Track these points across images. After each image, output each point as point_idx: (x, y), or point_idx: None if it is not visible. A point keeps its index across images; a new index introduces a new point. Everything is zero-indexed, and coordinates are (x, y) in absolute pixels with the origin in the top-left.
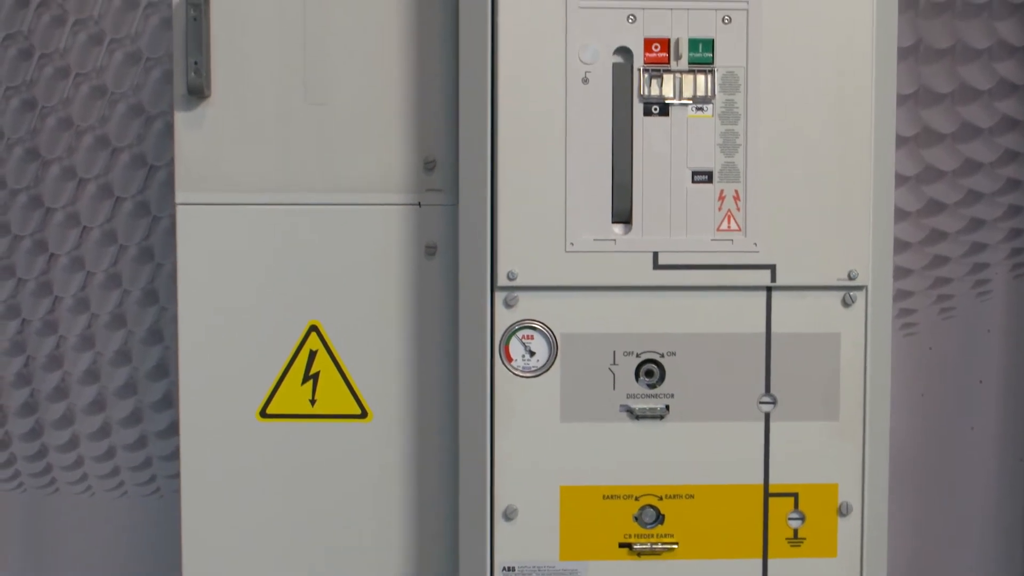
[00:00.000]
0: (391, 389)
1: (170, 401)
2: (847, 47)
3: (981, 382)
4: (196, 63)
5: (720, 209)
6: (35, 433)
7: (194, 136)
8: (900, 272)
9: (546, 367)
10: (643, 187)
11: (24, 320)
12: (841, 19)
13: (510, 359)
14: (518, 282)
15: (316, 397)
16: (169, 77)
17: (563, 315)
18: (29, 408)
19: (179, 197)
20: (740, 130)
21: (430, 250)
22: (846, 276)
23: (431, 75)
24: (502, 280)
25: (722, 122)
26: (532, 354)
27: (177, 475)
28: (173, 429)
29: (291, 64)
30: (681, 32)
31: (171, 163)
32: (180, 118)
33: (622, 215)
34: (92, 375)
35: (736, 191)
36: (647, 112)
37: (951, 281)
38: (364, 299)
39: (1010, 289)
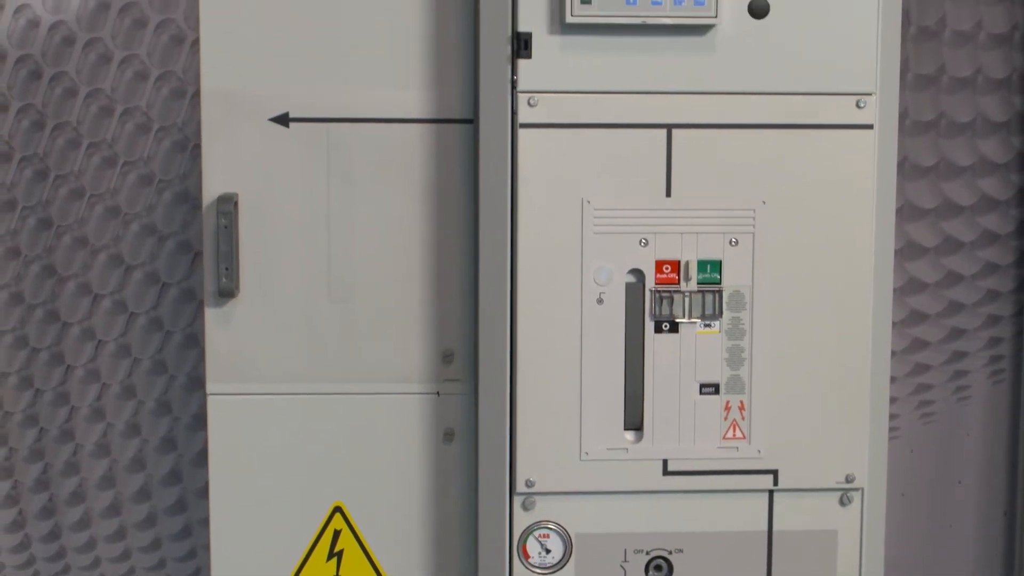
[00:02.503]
0: (413, 570)
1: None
2: (845, 276)
3: (960, 482)
4: (227, 268)
5: (726, 419)
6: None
7: (223, 331)
8: None
9: (561, 564)
10: (654, 398)
11: (73, 408)
12: (840, 240)
13: (527, 556)
14: (536, 488)
15: (340, 574)
16: (178, 197)
17: (577, 516)
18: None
19: (210, 388)
20: (745, 345)
21: (448, 436)
22: (844, 479)
23: (450, 272)
24: (521, 487)
25: (728, 338)
26: (548, 551)
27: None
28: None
29: (316, 264)
30: (691, 254)
31: (183, 280)
32: (210, 314)
33: (634, 424)
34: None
35: (741, 402)
36: (658, 329)
37: (932, 387)
38: (386, 482)
39: (989, 394)
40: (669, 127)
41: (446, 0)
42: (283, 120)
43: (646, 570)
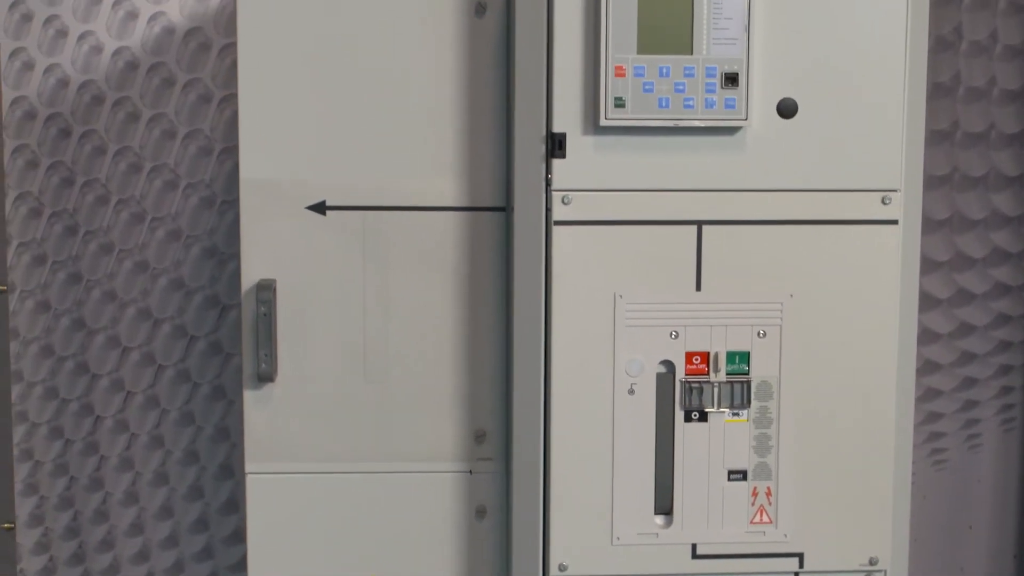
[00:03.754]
0: None
1: None
2: (869, 366)
3: (971, 527)
4: (266, 354)
5: (753, 504)
6: None
7: (261, 413)
8: None
9: None
10: (683, 484)
11: (103, 456)
12: (864, 330)
13: None
14: (569, 572)
15: None
16: (207, 252)
17: None
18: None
19: (248, 467)
20: (772, 433)
21: (480, 513)
22: (867, 561)
23: (482, 354)
24: (554, 571)
25: (756, 426)
26: None
27: None
28: None
29: (352, 347)
30: (720, 346)
31: (210, 333)
32: (249, 396)
33: (664, 508)
34: None
35: (768, 487)
36: (688, 418)
37: (945, 435)
38: (420, 557)
39: (1000, 442)
40: (700, 223)
41: (479, 94)
42: (320, 208)
43: None
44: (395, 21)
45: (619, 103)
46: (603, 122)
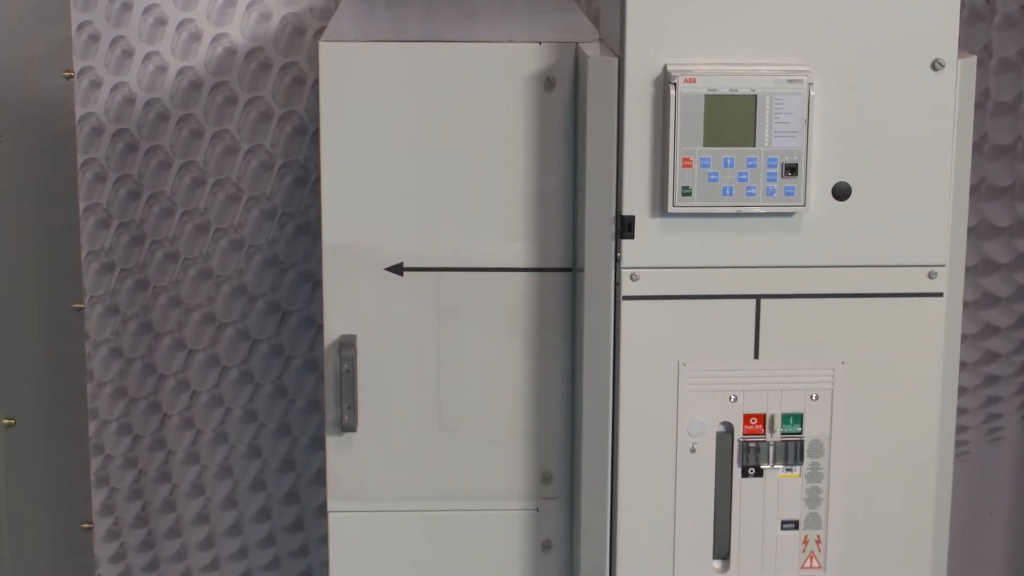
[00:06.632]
0: None
1: None
2: (912, 427)
3: (991, 515)
4: (348, 407)
5: (804, 550)
6: None
7: (344, 459)
8: None
9: None
10: (740, 533)
11: (170, 451)
12: (909, 396)
13: None
14: None
15: None
16: (268, 261)
17: None
18: None
19: (330, 506)
20: (823, 487)
21: (546, 546)
22: None
23: (548, 403)
24: None
25: (808, 480)
26: None
27: None
28: None
29: (428, 397)
30: (775, 409)
31: (272, 337)
32: (331, 442)
33: (722, 554)
34: None
35: (818, 535)
36: (744, 474)
37: (967, 429)
38: None
39: (1021, 434)
40: (758, 297)
41: (547, 163)
42: (398, 269)
43: None
44: (468, 95)
45: (686, 192)
46: (671, 209)
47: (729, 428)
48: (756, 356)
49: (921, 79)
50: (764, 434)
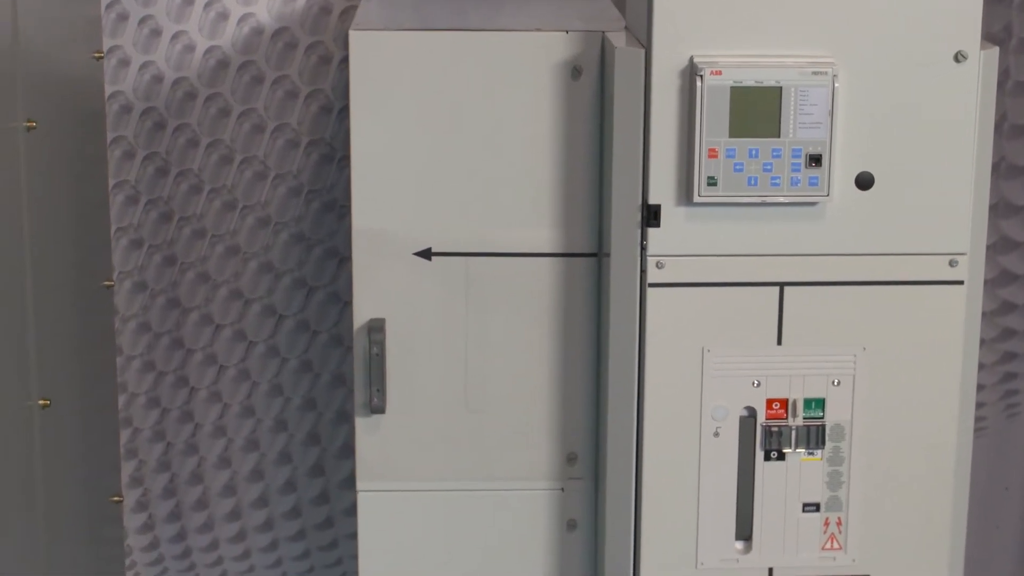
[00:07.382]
0: None
1: None
2: (932, 412)
3: (1007, 489)
4: (378, 390)
5: (825, 532)
6: None
7: (372, 440)
8: None
9: None
10: (762, 515)
11: (197, 424)
12: (930, 381)
13: None
14: None
15: None
16: (294, 238)
17: None
18: None
19: (359, 486)
20: (844, 470)
21: (571, 525)
22: None
23: (574, 385)
24: None
25: (829, 464)
26: None
27: None
28: None
29: (455, 380)
30: (798, 394)
31: (299, 312)
32: (360, 423)
33: (744, 535)
34: None
35: (839, 518)
36: (767, 458)
37: (985, 405)
38: (517, 566)
39: None
40: (782, 285)
41: (574, 150)
42: (426, 254)
43: None
44: (496, 83)
45: (711, 182)
46: (696, 199)
47: (752, 413)
48: (779, 342)
49: (944, 71)
50: (786, 419)
